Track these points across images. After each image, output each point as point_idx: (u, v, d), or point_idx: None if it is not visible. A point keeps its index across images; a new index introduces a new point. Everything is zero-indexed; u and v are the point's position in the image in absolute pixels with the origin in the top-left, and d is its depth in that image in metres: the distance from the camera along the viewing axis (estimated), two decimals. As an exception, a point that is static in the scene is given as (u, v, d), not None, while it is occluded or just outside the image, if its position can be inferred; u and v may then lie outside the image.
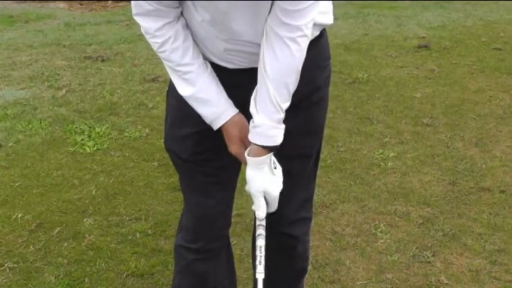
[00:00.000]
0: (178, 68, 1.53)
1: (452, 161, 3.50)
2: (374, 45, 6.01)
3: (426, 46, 5.88)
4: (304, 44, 1.47)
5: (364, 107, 4.32)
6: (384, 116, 4.16)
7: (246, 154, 1.55)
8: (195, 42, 1.55)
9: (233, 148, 1.58)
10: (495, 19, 7.14)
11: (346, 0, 8.09)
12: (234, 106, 1.56)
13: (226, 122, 1.55)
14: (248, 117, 1.57)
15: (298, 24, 1.43)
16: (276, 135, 1.52)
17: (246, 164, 1.59)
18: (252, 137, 1.52)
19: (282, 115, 1.51)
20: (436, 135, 3.87)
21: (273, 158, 1.56)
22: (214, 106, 1.54)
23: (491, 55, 5.64)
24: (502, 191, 3.15)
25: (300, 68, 1.49)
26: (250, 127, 1.53)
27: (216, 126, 1.56)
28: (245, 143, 1.56)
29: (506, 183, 3.24)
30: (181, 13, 1.52)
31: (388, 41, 6.17)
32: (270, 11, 1.45)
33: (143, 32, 1.52)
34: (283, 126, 1.53)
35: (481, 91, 4.67)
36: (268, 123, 1.50)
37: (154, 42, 1.51)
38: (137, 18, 1.50)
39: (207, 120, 1.56)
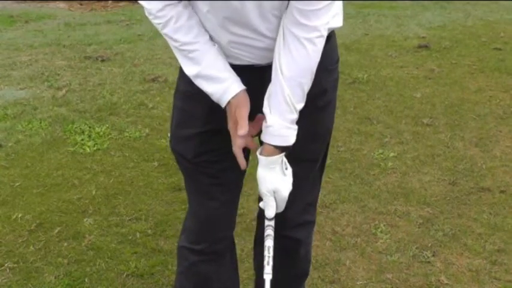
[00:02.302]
0: (183, 48, 1.50)
1: (452, 161, 3.50)
2: (374, 45, 6.01)
3: (426, 46, 5.88)
4: (321, 44, 1.47)
5: (364, 107, 4.32)
6: (384, 116, 4.16)
7: (258, 153, 1.55)
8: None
9: (230, 123, 1.53)
10: (495, 19, 7.15)
11: (346, 0, 8.08)
12: (241, 83, 1.52)
13: (234, 96, 1.50)
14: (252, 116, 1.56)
15: (315, 24, 1.43)
16: (288, 135, 1.51)
17: (234, 145, 1.54)
18: (265, 137, 1.51)
19: (296, 115, 1.50)
20: (436, 135, 3.87)
21: (284, 159, 1.56)
22: (221, 82, 1.50)
23: (491, 55, 5.64)
24: (502, 191, 3.15)
25: (315, 68, 1.49)
26: (263, 127, 1.52)
27: (224, 102, 1.51)
28: (237, 119, 1.51)
29: (506, 183, 3.24)
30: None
31: (388, 41, 6.17)
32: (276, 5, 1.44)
33: (146, 13, 1.50)
34: (295, 126, 1.52)
35: (481, 91, 4.68)
36: (281, 123, 1.49)
37: (157, 23, 1.49)
38: (141, 2, 1.49)
39: (215, 96, 1.52)
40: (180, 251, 1.85)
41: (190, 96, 1.62)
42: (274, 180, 1.55)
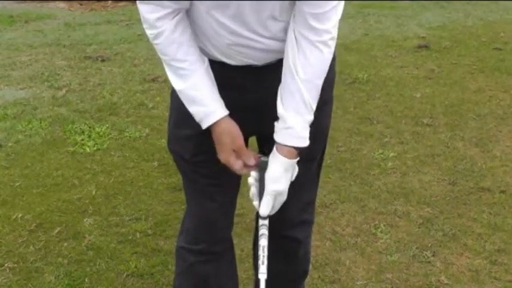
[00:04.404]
0: (172, 63, 1.52)
1: (452, 161, 3.50)
2: (374, 45, 6.01)
3: (426, 46, 5.88)
4: (334, 45, 1.50)
5: (364, 107, 4.32)
6: (384, 116, 4.16)
7: (276, 153, 1.54)
8: (198, 35, 1.53)
9: (223, 156, 1.55)
10: (495, 19, 7.14)
11: (346, 0, 8.08)
12: (225, 108, 1.54)
13: (214, 124, 1.52)
14: (244, 118, 1.56)
15: (327, 27, 1.46)
16: (306, 136, 1.53)
17: (238, 172, 1.57)
18: (285, 139, 1.52)
19: (313, 116, 1.53)
20: (436, 135, 3.87)
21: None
22: (203, 105, 1.52)
23: (491, 55, 5.64)
24: (502, 191, 3.15)
25: (328, 68, 1.52)
26: (280, 128, 1.52)
27: (204, 125, 1.54)
28: (237, 153, 1.55)
29: (506, 183, 3.24)
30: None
31: (388, 41, 6.17)
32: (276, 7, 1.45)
33: (142, 21, 1.50)
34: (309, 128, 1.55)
35: (481, 91, 4.67)
36: (302, 125, 1.51)
37: (150, 33, 1.50)
38: (139, 4, 1.48)
39: (196, 118, 1.55)
40: (178, 251, 1.85)
41: None
42: (285, 183, 1.55)
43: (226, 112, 1.53)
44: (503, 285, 2.43)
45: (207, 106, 1.52)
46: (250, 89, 1.54)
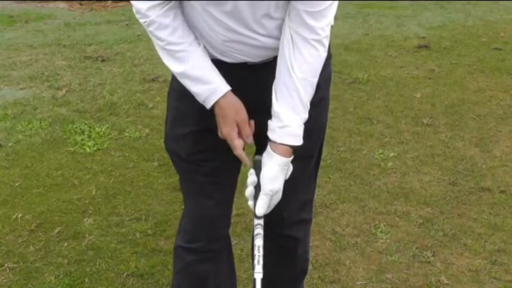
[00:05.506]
0: (168, 47, 1.52)
1: (452, 161, 3.50)
2: (374, 45, 6.01)
3: (426, 46, 5.88)
4: (328, 43, 1.52)
5: (364, 107, 4.32)
6: (384, 116, 4.16)
7: (270, 152, 1.54)
8: (194, 33, 1.54)
9: (225, 130, 1.55)
10: (495, 19, 7.14)
11: (346, 0, 8.09)
12: (226, 83, 1.54)
13: (220, 98, 1.53)
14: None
15: (322, 25, 1.47)
16: (301, 134, 1.54)
17: (235, 150, 1.56)
18: (281, 137, 1.52)
19: (307, 114, 1.54)
20: (436, 135, 3.87)
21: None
22: (207, 83, 1.53)
23: (491, 55, 5.64)
24: (502, 191, 3.15)
25: (322, 65, 1.53)
26: (275, 127, 1.53)
27: (210, 103, 1.54)
28: (239, 126, 1.55)
29: (506, 183, 3.24)
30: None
31: (388, 41, 6.17)
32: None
33: (134, 11, 1.52)
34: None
35: (481, 91, 4.67)
36: (298, 123, 1.52)
37: (143, 21, 1.51)
38: (132, 2, 1.50)
39: (201, 98, 1.55)
40: (176, 251, 1.85)
41: (184, 94, 1.63)
42: (281, 182, 1.55)
43: (229, 87, 1.54)
44: (503, 285, 2.43)
45: (211, 83, 1.53)
46: (246, 87, 1.55)
